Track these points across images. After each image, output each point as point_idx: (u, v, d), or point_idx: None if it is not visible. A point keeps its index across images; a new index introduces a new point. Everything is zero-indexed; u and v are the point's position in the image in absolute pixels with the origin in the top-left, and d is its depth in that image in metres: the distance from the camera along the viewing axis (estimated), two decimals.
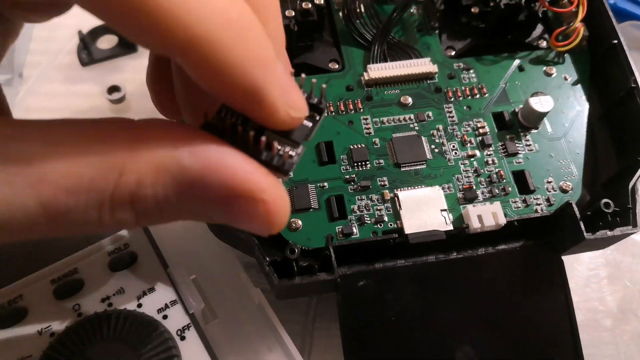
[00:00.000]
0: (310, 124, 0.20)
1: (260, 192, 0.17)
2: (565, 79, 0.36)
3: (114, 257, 0.29)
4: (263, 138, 0.18)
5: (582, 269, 0.38)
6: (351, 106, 0.33)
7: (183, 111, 0.22)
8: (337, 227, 0.30)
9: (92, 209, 0.16)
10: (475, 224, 0.30)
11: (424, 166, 0.32)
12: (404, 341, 0.30)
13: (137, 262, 0.29)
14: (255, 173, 0.17)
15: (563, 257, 0.31)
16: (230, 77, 0.17)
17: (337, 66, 0.35)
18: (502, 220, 0.30)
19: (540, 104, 0.33)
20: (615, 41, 0.34)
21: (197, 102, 0.21)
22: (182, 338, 0.27)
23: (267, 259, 0.27)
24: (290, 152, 0.19)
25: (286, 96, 0.18)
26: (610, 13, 0.35)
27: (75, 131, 0.16)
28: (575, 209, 0.30)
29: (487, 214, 0.30)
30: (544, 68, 0.36)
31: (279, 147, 0.18)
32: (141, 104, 0.43)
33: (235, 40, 0.16)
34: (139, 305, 0.28)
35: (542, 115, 0.33)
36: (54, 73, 0.45)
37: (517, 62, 0.36)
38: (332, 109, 0.33)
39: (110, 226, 0.17)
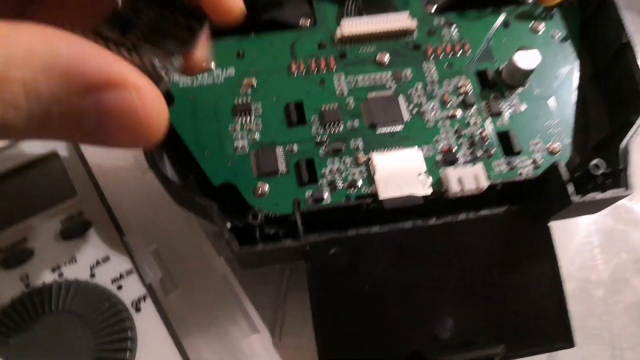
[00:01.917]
0: (190, 34, 0.20)
1: (134, 78, 0.16)
2: (553, 36, 0.33)
3: (66, 224, 0.27)
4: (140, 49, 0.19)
5: (573, 237, 0.36)
6: (323, 64, 0.31)
7: None
8: (307, 192, 0.28)
9: None
10: (454, 187, 0.28)
11: (401, 127, 0.30)
12: (379, 314, 0.28)
13: (90, 230, 0.27)
14: (129, 67, 0.17)
15: (552, 224, 0.29)
16: None
17: (308, 22, 0.33)
18: (484, 183, 0.28)
19: (525, 59, 0.30)
20: None
21: None
22: (138, 310, 0.25)
23: (228, 224, 0.25)
24: (162, 64, 0.18)
25: None
26: None
27: None
28: (563, 170, 0.28)
29: (467, 177, 0.28)
30: (531, 24, 0.34)
31: (155, 60, 0.18)
32: None
33: None
34: (92, 275, 0.26)
35: (528, 72, 0.31)
36: None
37: (502, 17, 0.34)
38: (302, 67, 0.31)
39: None
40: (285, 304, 0.32)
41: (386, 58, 0.31)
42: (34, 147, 0.28)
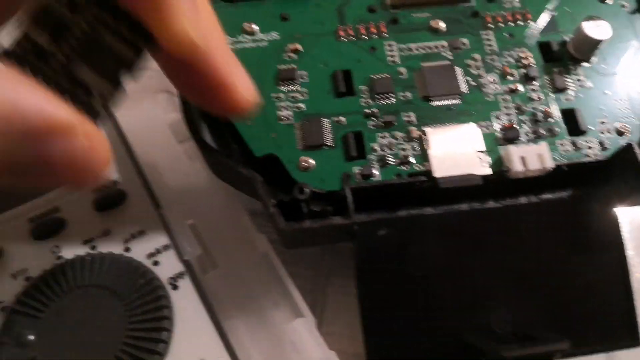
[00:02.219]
0: (133, 55, 0.16)
1: (80, 121, 0.14)
2: (623, 6, 0.31)
3: (101, 195, 0.26)
4: (72, 71, 0.16)
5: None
6: (374, 30, 0.29)
7: None
8: (355, 168, 0.26)
9: None
10: (517, 167, 0.25)
11: (458, 101, 0.28)
12: (430, 301, 0.26)
13: (126, 202, 0.26)
14: (69, 107, 0.15)
15: (619, 211, 0.27)
16: None
17: None
18: (550, 164, 0.26)
19: (596, 29, 0.28)
20: None
21: None
22: (175, 287, 0.24)
23: (273, 200, 0.24)
24: (100, 95, 0.16)
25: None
26: None
27: None
28: (638, 151, 0.25)
29: (531, 156, 0.26)
30: None
31: (91, 89, 0.16)
32: None
33: None
34: (127, 250, 0.25)
35: (597, 43, 0.28)
36: None
37: None
38: (351, 32, 0.29)
39: None
40: (326, 288, 0.30)
41: (442, 25, 0.29)
42: None
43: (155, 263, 0.24)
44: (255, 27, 0.29)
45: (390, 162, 0.26)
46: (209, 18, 0.19)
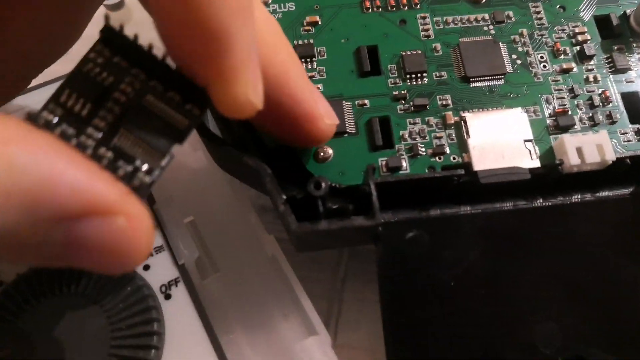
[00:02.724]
0: (186, 121, 0.15)
1: (124, 201, 0.13)
2: None
3: None
4: (116, 140, 0.14)
5: None
6: (404, 1, 0.25)
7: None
8: (380, 159, 0.22)
9: None
10: (573, 159, 0.21)
11: (501, 82, 0.24)
12: (464, 314, 0.22)
13: None
14: (115, 183, 0.13)
15: None
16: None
17: None
18: (611, 156, 0.22)
19: None
20: None
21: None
22: (167, 297, 0.20)
23: (283, 195, 0.20)
24: (146, 165, 0.14)
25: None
26: None
27: None
28: None
29: (589, 147, 0.22)
30: None
31: (135, 159, 0.14)
32: (145, 14, 0.35)
33: None
34: None
35: None
36: None
37: None
38: (378, 3, 0.25)
39: None
40: (343, 294, 0.26)
41: None
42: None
43: (146, 267, 0.21)
44: None
45: (421, 152, 0.22)
46: (286, 51, 0.19)
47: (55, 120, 0.14)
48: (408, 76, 0.24)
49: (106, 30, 0.15)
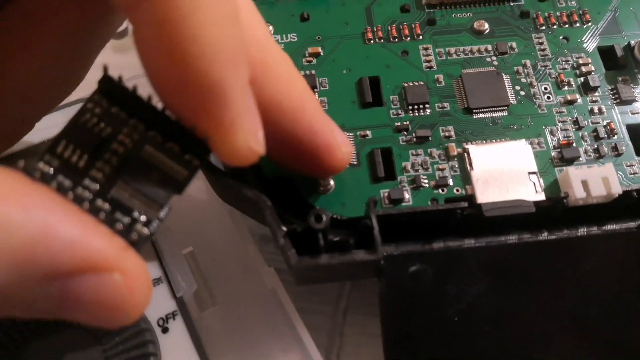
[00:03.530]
0: (185, 172, 0.15)
1: (120, 258, 0.13)
2: None
3: None
4: (113, 192, 0.14)
5: None
6: (407, 32, 0.25)
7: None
8: (382, 191, 0.22)
9: None
10: (578, 193, 0.21)
11: (505, 113, 0.24)
12: (470, 350, 0.22)
13: None
14: (112, 238, 0.13)
15: None
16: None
17: None
18: (617, 189, 0.21)
19: None
20: None
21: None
22: (165, 330, 0.20)
23: (284, 227, 0.20)
24: (144, 217, 0.14)
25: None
26: None
27: None
28: None
29: (595, 180, 0.21)
30: None
31: (133, 211, 0.14)
32: None
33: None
34: None
35: None
36: None
37: None
38: (380, 34, 0.25)
39: None
40: (344, 327, 0.26)
41: (486, 26, 0.25)
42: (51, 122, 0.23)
43: None
44: (270, 28, 0.25)
45: (424, 184, 0.22)
46: (301, 83, 0.19)
47: (52, 172, 0.14)
48: (410, 107, 0.24)
49: (104, 81, 0.15)
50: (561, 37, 0.25)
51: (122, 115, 0.15)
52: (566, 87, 0.24)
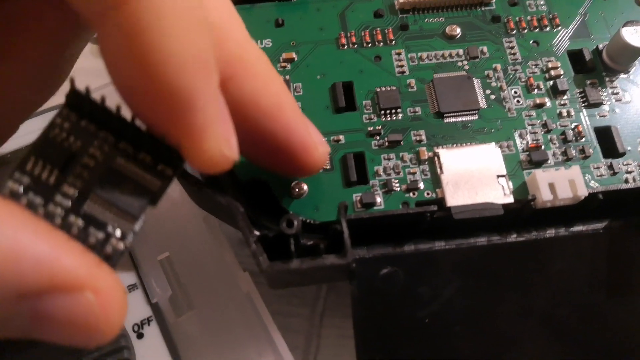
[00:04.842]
0: (159, 182, 0.15)
1: (92, 276, 0.13)
2: None
3: None
4: (85, 207, 0.14)
5: None
6: (380, 37, 0.25)
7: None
8: (354, 195, 0.22)
9: None
10: (545, 195, 0.22)
11: (475, 117, 0.24)
12: (441, 351, 0.22)
13: None
14: (83, 255, 0.13)
15: None
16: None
17: None
18: (583, 192, 0.22)
19: (637, 35, 0.24)
20: None
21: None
22: (140, 336, 0.20)
23: (256, 232, 0.20)
24: (118, 231, 0.14)
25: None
26: None
27: None
28: None
29: (562, 182, 0.22)
30: None
31: (107, 225, 0.14)
32: None
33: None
34: None
35: (637, 51, 0.24)
36: None
37: None
38: (354, 40, 0.25)
39: None
40: (321, 329, 0.26)
41: (457, 31, 0.26)
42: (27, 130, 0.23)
43: None
44: None
45: (395, 188, 0.23)
46: (279, 82, 0.19)
47: (21, 190, 0.14)
48: (382, 112, 0.24)
49: (72, 95, 0.15)
50: (531, 41, 0.26)
51: (91, 128, 0.15)
52: (536, 91, 0.25)
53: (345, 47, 0.25)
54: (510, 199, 0.22)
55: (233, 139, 0.15)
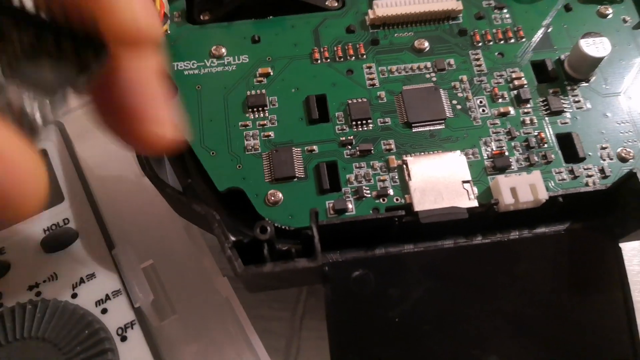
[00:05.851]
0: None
1: None
2: (625, 21, 0.28)
3: (49, 234, 0.24)
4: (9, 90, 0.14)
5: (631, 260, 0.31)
6: (351, 51, 0.27)
7: None
8: (327, 202, 0.24)
9: None
10: (507, 199, 0.23)
11: (442, 126, 0.25)
12: (412, 350, 0.23)
13: (76, 242, 0.23)
14: None
15: (621, 245, 0.24)
16: None
17: (336, 4, 0.28)
18: (543, 195, 0.23)
19: (594, 46, 0.25)
20: None
21: None
22: (123, 339, 0.21)
23: (232, 238, 0.21)
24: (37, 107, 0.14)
25: None
26: None
27: None
28: None
29: (523, 187, 0.23)
30: (598, 7, 0.28)
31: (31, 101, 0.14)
32: None
33: None
34: (74, 296, 0.22)
35: (597, 61, 0.26)
36: None
37: None
38: (327, 54, 0.27)
39: None
40: (301, 331, 0.27)
41: (426, 45, 0.27)
42: None
43: (104, 311, 0.22)
44: (223, 50, 0.27)
45: (366, 194, 0.24)
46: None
47: None
48: (354, 123, 0.25)
49: None
50: (497, 53, 0.27)
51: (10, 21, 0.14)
52: (500, 100, 0.26)
53: (319, 61, 0.27)
54: (474, 203, 0.23)
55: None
